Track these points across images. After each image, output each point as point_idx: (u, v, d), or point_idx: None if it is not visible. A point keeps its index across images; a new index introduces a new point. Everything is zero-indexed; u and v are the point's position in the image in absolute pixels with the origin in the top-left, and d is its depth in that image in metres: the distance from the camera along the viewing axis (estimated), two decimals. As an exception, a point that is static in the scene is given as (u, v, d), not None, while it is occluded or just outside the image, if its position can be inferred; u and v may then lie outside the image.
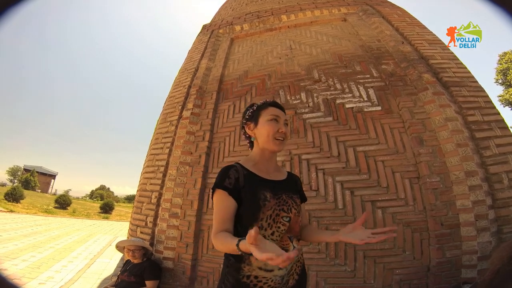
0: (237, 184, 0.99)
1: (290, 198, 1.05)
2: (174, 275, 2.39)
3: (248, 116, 1.15)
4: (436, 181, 2.11)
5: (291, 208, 1.02)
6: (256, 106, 1.15)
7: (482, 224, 1.93)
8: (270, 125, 1.07)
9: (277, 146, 1.07)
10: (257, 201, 0.97)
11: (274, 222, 0.97)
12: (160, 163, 2.92)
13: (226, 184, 0.98)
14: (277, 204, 1.00)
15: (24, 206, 16.09)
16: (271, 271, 0.94)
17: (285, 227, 0.99)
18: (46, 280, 3.62)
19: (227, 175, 1.00)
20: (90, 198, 50.72)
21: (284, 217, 0.99)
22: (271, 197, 1.00)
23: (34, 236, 6.97)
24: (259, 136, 1.09)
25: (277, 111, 1.11)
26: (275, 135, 1.06)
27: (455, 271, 1.90)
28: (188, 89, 3.41)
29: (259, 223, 0.95)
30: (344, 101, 2.72)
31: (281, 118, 1.10)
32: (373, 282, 1.99)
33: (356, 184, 2.28)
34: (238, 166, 1.05)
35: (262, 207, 0.97)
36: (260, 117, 1.10)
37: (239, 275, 0.94)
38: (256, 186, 1.01)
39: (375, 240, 0.89)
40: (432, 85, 2.49)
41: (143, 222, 2.71)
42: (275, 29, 4.03)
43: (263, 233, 0.95)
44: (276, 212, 0.98)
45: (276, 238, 0.97)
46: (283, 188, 1.06)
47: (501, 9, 0.47)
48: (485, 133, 2.25)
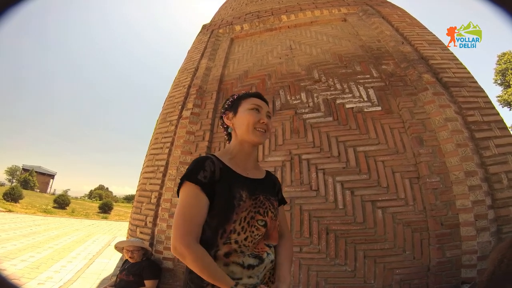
0: (212, 178, 0.86)
1: (267, 200, 0.94)
2: (174, 275, 2.39)
3: (227, 105, 1.06)
4: (436, 181, 2.11)
5: (267, 211, 0.92)
6: (237, 95, 1.07)
7: (481, 224, 1.94)
8: (250, 114, 0.97)
9: (258, 137, 0.96)
10: (231, 200, 0.86)
11: (248, 226, 0.86)
12: (159, 163, 2.91)
13: (200, 178, 0.84)
14: (253, 205, 0.89)
15: (23, 206, 16.04)
16: (240, 279, 0.82)
17: (259, 232, 0.88)
18: (45, 281, 3.61)
19: (202, 167, 0.86)
20: (89, 198, 50.41)
21: (259, 221, 0.89)
22: (247, 197, 0.89)
23: (33, 236, 6.96)
24: (238, 126, 0.99)
25: (259, 101, 1.02)
26: (256, 125, 0.96)
27: (455, 270, 1.90)
28: (188, 89, 3.40)
29: (232, 226, 0.84)
30: (344, 101, 2.73)
31: (263, 109, 1.01)
32: (373, 282, 1.99)
33: (356, 184, 2.28)
34: (214, 158, 0.92)
35: (236, 207, 0.85)
36: (240, 106, 1.01)
37: (203, 283, 0.80)
38: (232, 182, 0.89)
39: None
40: (432, 86, 2.49)
41: (143, 222, 2.71)
42: (275, 29, 4.03)
43: (236, 238, 0.84)
44: (251, 215, 0.87)
45: (248, 244, 0.85)
46: (260, 188, 0.95)
47: (501, 9, 0.47)
48: (485, 133, 2.25)
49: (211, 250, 0.82)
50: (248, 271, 0.84)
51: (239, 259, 0.84)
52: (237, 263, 0.83)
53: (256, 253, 0.87)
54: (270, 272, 0.92)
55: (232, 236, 0.83)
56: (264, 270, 0.89)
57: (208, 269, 0.77)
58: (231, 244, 0.83)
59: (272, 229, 0.92)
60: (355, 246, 2.09)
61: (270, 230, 0.91)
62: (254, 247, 0.87)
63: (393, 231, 2.07)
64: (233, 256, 0.83)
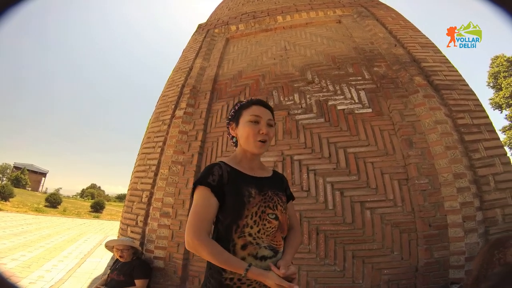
0: (221, 181, 0.95)
1: (275, 195, 1.02)
2: (165, 275, 2.38)
3: (231, 116, 1.13)
4: (424, 183, 2.13)
5: (276, 205, 0.99)
6: (239, 105, 1.12)
7: (469, 225, 1.96)
8: (250, 127, 1.03)
9: (258, 148, 1.03)
10: (242, 197, 0.94)
11: (260, 220, 0.94)
12: (151, 162, 2.90)
13: (210, 181, 0.94)
14: (262, 200, 0.97)
15: (14, 205, 15.77)
16: None
17: (271, 224, 0.96)
18: (36, 280, 3.58)
19: (211, 172, 0.96)
20: (81, 197, 49.41)
21: (269, 214, 0.96)
22: (256, 193, 0.97)
23: (24, 235, 6.89)
24: (240, 137, 1.07)
25: (259, 110, 1.06)
26: (256, 137, 1.02)
27: (443, 271, 1.92)
28: (182, 88, 3.39)
29: (244, 221, 0.93)
30: (336, 103, 2.74)
31: (263, 118, 1.05)
32: (361, 282, 2.00)
33: (346, 185, 2.29)
34: (222, 164, 1.01)
35: (246, 203, 0.94)
36: (241, 117, 1.07)
37: (222, 278, 0.90)
38: (240, 182, 0.98)
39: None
40: (423, 88, 2.52)
41: (134, 221, 2.69)
42: (271, 29, 4.03)
43: (249, 231, 0.92)
44: (262, 209, 0.96)
45: (262, 236, 0.94)
46: (268, 185, 1.03)
47: (501, 9, 0.47)
48: (474, 136, 2.28)
49: (228, 245, 0.91)
50: (261, 263, 0.92)
51: (255, 250, 0.92)
52: (252, 255, 0.92)
53: (274, 245, 0.95)
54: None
55: (246, 230, 0.92)
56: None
57: (222, 256, 0.86)
58: (245, 237, 0.92)
59: (283, 222, 1.00)
60: (344, 247, 2.10)
61: (282, 223, 0.99)
62: (271, 239, 0.95)
63: (382, 232, 2.09)
64: (249, 248, 0.92)
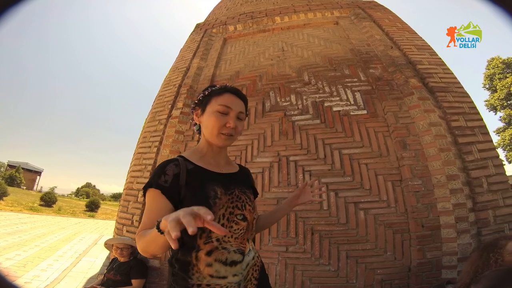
0: (175, 182, 0.83)
1: (243, 194, 0.92)
2: (161, 274, 2.38)
3: (198, 100, 0.99)
4: (418, 184, 2.16)
5: (245, 205, 0.90)
6: (210, 89, 0.98)
7: (462, 226, 1.99)
8: (216, 117, 0.90)
9: (222, 142, 0.92)
10: (206, 199, 0.82)
11: (228, 222, 0.85)
12: (147, 162, 2.89)
13: (161, 182, 0.82)
14: (229, 200, 0.87)
15: (8, 203, 15.57)
16: (225, 278, 0.82)
17: (239, 226, 0.86)
18: (32, 279, 3.56)
19: (163, 171, 0.84)
20: (76, 196, 48.65)
21: (238, 215, 0.87)
22: (222, 193, 0.86)
23: (19, 234, 6.82)
24: (204, 126, 0.95)
25: (231, 100, 0.93)
26: (221, 129, 0.90)
27: (435, 271, 1.95)
28: (179, 88, 3.39)
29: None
30: (331, 104, 2.76)
31: (233, 109, 0.92)
32: (355, 281, 2.02)
33: (340, 186, 2.31)
34: (180, 160, 0.88)
35: (212, 206, 0.82)
36: (209, 104, 0.94)
37: (188, 284, 0.80)
38: (205, 181, 0.86)
39: (318, 199, 0.93)
40: (418, 90, 2.54)
41: (129, 221, 2.69)
42: (268, 30, 4.04)
43: (217, 236, 0.81)
44: (230, 210, 0.86)
45: (230, 240, 0.84)
46: (235, 182, 0.94)
47: (501, 9, 0.46)
48: (468, 138, 2.31)
49: (191, 252, 0.81)
50: (231, 269, 0.83)
51: (223, 256, 0.83)
52: (220, 261, 0.82)
53: (242, 248, 0.86)
54: (253, 269, 0.90)
55: (213, 235, 0.81)
56: (247, 267, 0.88)
57: (145, 233, 0.74)
58: (212, 243, 0.82)
59: (251, 223, 0.91)
60: (338, 247, 2.12)
61: (250, 224, 0.90)
62: (240, 242, 0.86)
63: (375, 232, 2.11)
64: (215, 254, 0.82)
